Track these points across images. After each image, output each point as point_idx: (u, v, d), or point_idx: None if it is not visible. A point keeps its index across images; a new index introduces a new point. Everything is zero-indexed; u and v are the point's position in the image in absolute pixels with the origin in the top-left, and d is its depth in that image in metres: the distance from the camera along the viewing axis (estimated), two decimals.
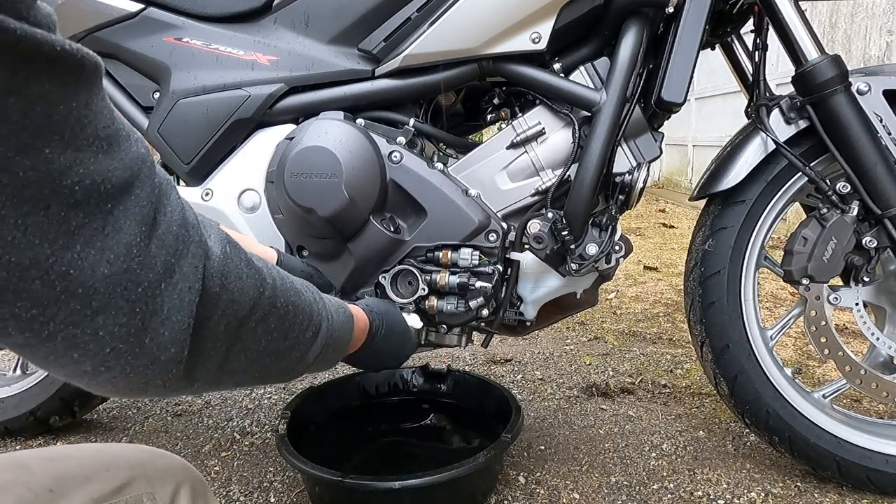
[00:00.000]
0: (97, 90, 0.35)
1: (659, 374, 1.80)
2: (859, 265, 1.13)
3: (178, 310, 0.40)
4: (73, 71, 0.33)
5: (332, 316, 0.64)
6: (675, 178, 6.60)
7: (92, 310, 0.36)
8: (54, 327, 0.35)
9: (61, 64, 0.32)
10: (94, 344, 0.37)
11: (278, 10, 1.13)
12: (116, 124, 0.37)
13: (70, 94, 0.33)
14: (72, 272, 0.34)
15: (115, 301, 0.37)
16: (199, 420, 1.57)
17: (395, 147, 1.07)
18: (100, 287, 0.36)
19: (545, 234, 1.07)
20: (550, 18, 1.03)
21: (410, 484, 1.01)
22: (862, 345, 1.84)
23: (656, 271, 3.09)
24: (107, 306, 0.36)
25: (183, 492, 0.57)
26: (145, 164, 0.39)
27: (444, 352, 1.95)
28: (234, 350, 0.47)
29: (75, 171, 0.34)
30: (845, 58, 1.13)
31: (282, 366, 0.56)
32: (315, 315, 0.59)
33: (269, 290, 0.50)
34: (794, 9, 1.08)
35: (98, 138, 0.35)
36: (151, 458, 0.58)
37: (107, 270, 0.36)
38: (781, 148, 1.11)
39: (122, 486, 0.53)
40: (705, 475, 1.28)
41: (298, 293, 0.56)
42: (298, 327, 0.56)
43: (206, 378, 0.46)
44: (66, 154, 0.33)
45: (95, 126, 0.35)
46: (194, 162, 1.15)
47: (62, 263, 0.34)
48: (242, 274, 0.47)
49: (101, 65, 0.36)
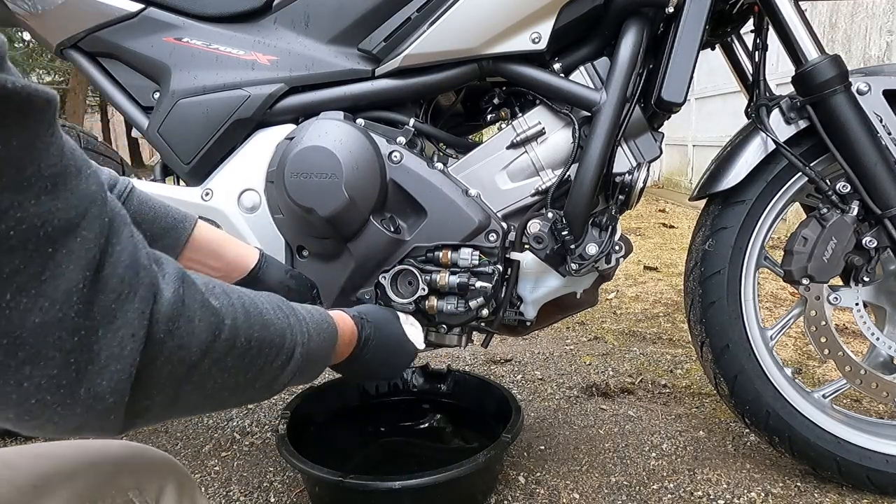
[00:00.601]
0: (46, 127, 0.33)
1: (659, 374, 1.80)
2: (859, 265, 1.13)
3: (117, 358, 0.37)
4: (20, 110, 0.31)
5: (310, 335, 0.61)
6: (675, 178, 6.60)
7: (17, 360, 0.33)
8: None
9: (4, 103, 0.30)
10: (18, 395, 0.34)
11: (278, 10, 1.13)
12: (66, 160, 0.34)
13: (10, 136, 0.31)
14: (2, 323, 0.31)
15: (45, 351, 0.34)
16: (199, 420, 1.57)
17: (395, 147, 1.07)
18: (28, 337, 0.33)
19: (545, 234, 1.07)
20: (550, 18, 1.03)
21: (410, 484, 1.01)
22: (862, 345, 1.84)
23: (656, 271, 3.09)
24: (36, 357, 0.33)
25: (169, 487, 0.56)
26: (95, 202, 0.36)
27: (444, 352, 1.95)
28: (183, 391, 0.44)
29: (11, 216, 0.31)
30: (845, 58, 1.13)
31: (246, 396, 0.54)
32: (287, 342, 0.56)
33: (228, 330, 0.47)
34: (794, 9, 1.08)
35: (42, 178, 0.33)
36: (138, 455, 0.58)
37: (38, 319, 0.33)
38: (781, 148, 1.11)
39: (107, 482, 0.53)
40: (705, 475, 1.28)
41: (267, 325, 0.53)
42: (264, 360, 0.53)
43: (150, 418, 0.43)
44: (1, 197, 0.31)
45: (38, 165, 0.32)
46: (194, 162, 1.15)
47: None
48: (194, 317, 0.44)
49: (54, 101, 0.33)
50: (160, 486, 0.56)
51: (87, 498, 0.51)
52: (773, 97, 1.18)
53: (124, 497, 0.53)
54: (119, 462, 0.55)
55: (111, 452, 0.56)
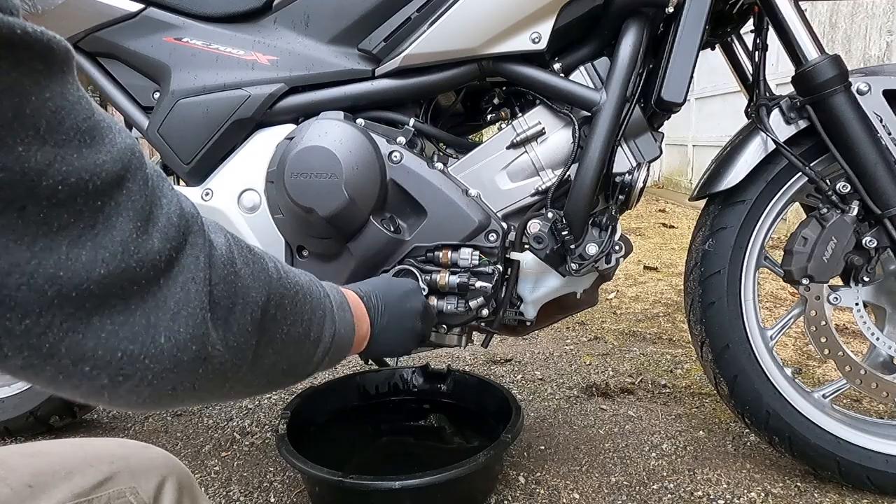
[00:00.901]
0: (71, 79, 0.33)
1: (659, 374, 1.80)
2: (859, 265, 1.12)
3: (185, 304, 0.38)
4: (42, 57, 0.30)
5: (331, 295, 0.65)
6: (675, 178, 6.60)
7: (86, 311, 0.33)
8: (53, 337, 0.32)
9: (27, 49, 0.29)
10: (103, 349, 0.34)
11: (278, 10, 1.13)
12: (97, 115, 0.35)
13: (42, 84, 0.30)
14: (61, 274, 0.32)
15: (112, 301, 0.34)
16: (199, 420, 1.57)
17: (395, 147, 1.07)
18: (94, 289, 0.33)
19: (545, 234, 1.07)
20: (550, 18, 1.03)
21: (410, 484, 1.01)
22: (862, 345, 1.84)
23: (656, 271, 3.09)
24: (104, 306, 0.34)
25: (168, 485, 0.56)
26: (135, 154, 0.36)
27: (444, 352, 1.95)
28: (261, 344, 0.46)
29: (56, 170, 0.31)
30: (845, 58, 1.13)
31: (303, 353, 0.56)
32: (317, 292, 0.59)
33: (276, 272, 0.50)
34: (794, 9, 1.08)
35: (79, 131, 0.32)
36: (135, 453, 0.57)
37: (102, 270, 0.33)
38: (781, 148, 1.11)
39: (104, 481, 0.52)
40: (705, 475, 1.28)
41: (297, 274, 0.57)
42: (310, 307, 0.56)
43: (238, 376, 0.44)
44: (43, 151, 0.30)
45: (75, 118, 0.32)
46: (194, 162, 1.15)
47: (48, 266, 0.31)
48: (249, 261, 0.46)
49: (71, 50, 0.32)
50: (158, 483, 0.55)
51: (82, 496, 0.50)
52: (773, 97, 1.18)
53: (121, 495, 0.52)
54: (116, 460, 0.54)
55: (108, 451, 0.56)
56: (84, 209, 0.33)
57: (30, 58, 0.29)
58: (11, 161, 0.29)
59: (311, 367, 0.59)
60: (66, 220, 0.32)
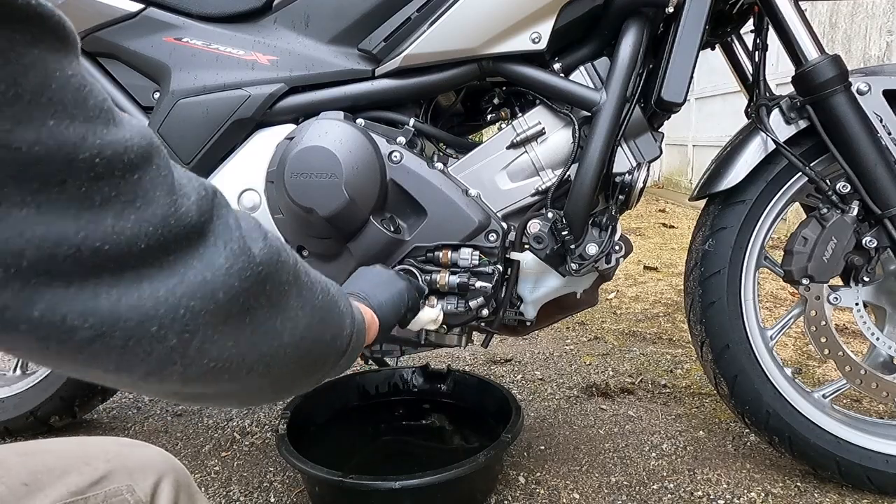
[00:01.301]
0: (80, 61, 0.33)
1: (659, 374, 1.80)
2: (859, 265, 1.12)
3: (231, 257, 0.39)
4: (60, 36, 0.30)
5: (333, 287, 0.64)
6: (675, 178, 6.60)
7: (137, 274, 0.34)
8: (107, 300, 0.33)
9: (44, 24, 0.29)
10: (165, 307, 0.35)
11: (278, 10, 1.13)
12: (108, 99, 0.35)
13: (63, 62, 0.31)
14: (106, 248, 0.33)
15: (157, 262, 0.35)
16: (199, 420, 1.57)
17: (395, 147, 1.07)
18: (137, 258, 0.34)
19: (545, 234, 1.07)
20: (550, 18, 1.03)
21: (410, 484, 1.01)
22: (862, 345, 1.84)
23: (656, 271, 3.09)
24: (149, 268, 0.35)
25: (165, 484, 0.55)
26: (152, 133, 0.38)
27: (444, 352, 1.95)
28: (294, 295, 0.47)
29: (91, 143, 0.31)
30: (845, 58, 1.13)
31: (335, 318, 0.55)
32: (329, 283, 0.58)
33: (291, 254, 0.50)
34: (794, 9, 1.08)
35: (103, 110, 0.33)
36: (131, 451, 0.57)
37: (145, 245, 0.34)
38: (781, 148, 1.11)
39: (100, 479, 0.52)
40: (705, 475, 1.28)
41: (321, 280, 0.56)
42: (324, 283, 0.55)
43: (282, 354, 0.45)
44: (74, 126, 0.31)
45: (97, 97, 0.33)
46: (194, 162, 1.15)
47: (94, 238, 0.32)
48: (268, 235, 0.47)
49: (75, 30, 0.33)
50: (155, 482, 0.55)
51: (78, 494, 0.50)
52: (773, 97, 1.18)
53: (118, 493, 0.52)
54: (112, 458, 0.54)
55: (105, 449, 0.55)
56: (122, 182, 0.33)
57: (50, 35, 0.30)
58: (45, 135, 0.29)
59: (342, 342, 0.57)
60: (107, 193, 0.33)
